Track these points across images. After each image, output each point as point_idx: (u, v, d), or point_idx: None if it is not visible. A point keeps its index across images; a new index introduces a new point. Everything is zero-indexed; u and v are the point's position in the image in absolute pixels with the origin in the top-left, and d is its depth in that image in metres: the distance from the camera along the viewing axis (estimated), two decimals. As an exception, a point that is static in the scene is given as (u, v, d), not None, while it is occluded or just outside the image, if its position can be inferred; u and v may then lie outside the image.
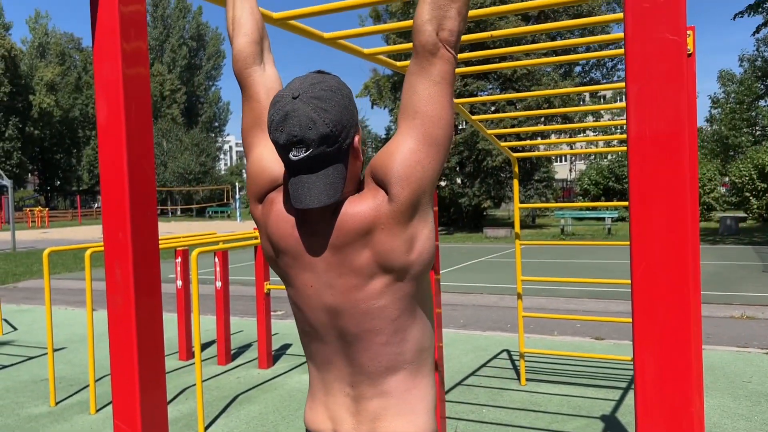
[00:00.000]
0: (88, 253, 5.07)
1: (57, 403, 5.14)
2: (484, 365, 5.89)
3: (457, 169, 25.01)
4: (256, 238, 6.16)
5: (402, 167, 1.19)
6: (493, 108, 23.73)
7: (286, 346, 6.85)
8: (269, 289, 5.98)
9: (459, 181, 25.79)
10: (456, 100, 4.00)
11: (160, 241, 5.41)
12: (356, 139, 1.25)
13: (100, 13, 1.62)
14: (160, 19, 63.75)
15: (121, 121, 1.61)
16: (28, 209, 43.45)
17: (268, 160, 1.37)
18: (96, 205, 59.91)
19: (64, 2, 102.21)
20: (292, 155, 1.18)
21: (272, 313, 8.78)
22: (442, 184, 26.38)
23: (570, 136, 26.33)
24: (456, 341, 6.84)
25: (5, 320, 8.77)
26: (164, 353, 1.72)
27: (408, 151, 1.20)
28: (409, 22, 2.75)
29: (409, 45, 3.10)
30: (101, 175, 1.67)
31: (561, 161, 53.95)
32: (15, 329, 8.26)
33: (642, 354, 1.20)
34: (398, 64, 3.30)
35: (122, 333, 1.64)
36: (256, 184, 1.38)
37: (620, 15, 2.19)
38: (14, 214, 23.27)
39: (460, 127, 24.39)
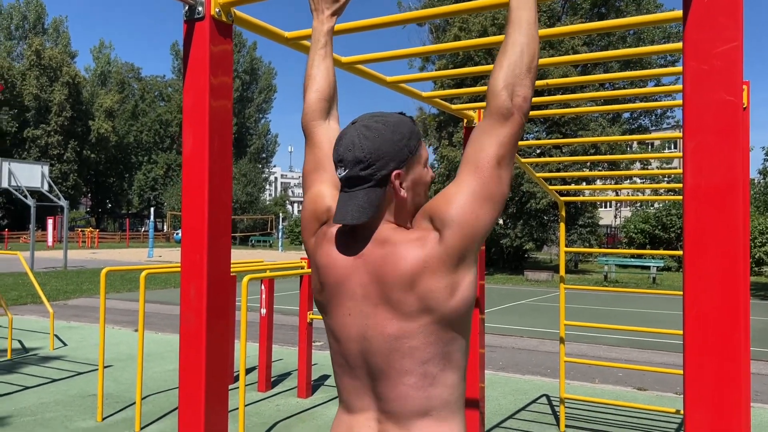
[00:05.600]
0: (143, 275, 5.27)
1: (103, 419, 5.30)
2: (522, 409, 5.83)
3: (500, 209, 24.86)
4: (302, 267, 6.29)
5: (458, 213, 1.25)
6: (538, 151, 23.70)
7: (325, 377, 6.91)
8: (312, 319, 6.08)
9: (501, 221, 25.67)
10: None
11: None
12: (395, 173, 1.30)
13: (192, 50, 1.78)
14: (216, 53, 66.08)
15: (205, 150, 1.76)
16: (79, 230, 44.96)
17: (323, 197, 1.47)
18: (143, 228, 61.53)
19: (127, 34, 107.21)
20: (338, 172, 1.32)
21: (313, 344, 8.88)
22: (484, 224, 26.22)
23: (616, 183, 26.03)
24: (495, 383, 6.79)
25: (56, 336, 9.07)
26: (232, 372, 1.82)
27: (466, 200, 1.26)
28: (464, 70, 2.89)
29: (461, 90, 3.24)
30: (183, 199, 1.81)
31: (606, 207, 53.15)
32: (65, 345, 8.54)
33: (693, 407, 1.24)
34: (453, 107, 3.43)
35: (193, 349, 1.75)
36: (311, 219, 1.47)
37: (674, 69, 2.27)
38: (68, 234, 24.14)
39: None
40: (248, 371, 7.03)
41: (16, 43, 59.07)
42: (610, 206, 54.71)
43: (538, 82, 2.91)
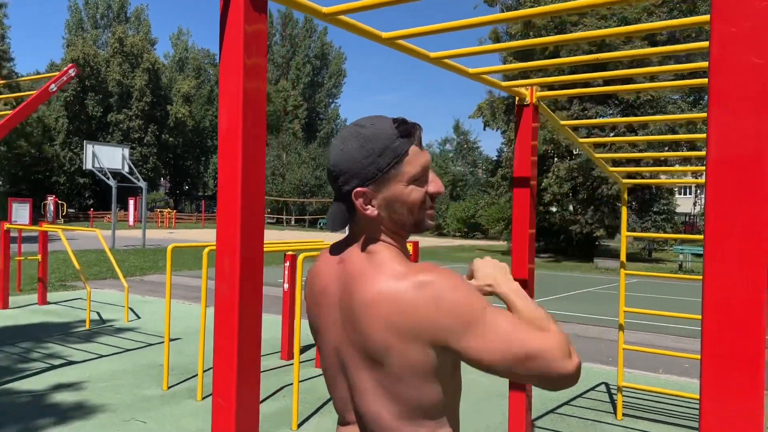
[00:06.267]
0: (206, 251, 5.47)
1: (168, 388, 5.57)
2: (579, 396, 5.72)
3: (570, 195, 24.26)
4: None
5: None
6: (612, 134, 22.89)
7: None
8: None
9: (571, 207, 25.02)
10: (565, 122, 3.98)
11: (272, 245, 5.76)
12: (356, 191, 1.22)
13: (227, 30, 1.83)
14: (288, 38, 67.09)
15: (239, 130, 1.80)
16: (158, 210, 47.05)
17: None
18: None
19: (203, 21, 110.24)
20: None
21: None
22: (553, 209, 25.72)
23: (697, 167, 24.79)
24: (553, 369, 6.67)
25: (131, 309, 9.57)
26: (261, 336, 1.88)
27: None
28: (516, 43, 2.81)
29: (513, 66, 3.15)
30: (219, 176, 1.87)
31: (685, 194, 50.88)
32: (138, 317, 9.00)
33: (709, 393, 1.19)
34: (504, 84, 3.36)
35: (226, 314, 1.82)
36: None
37: None
38: (146, 214, 25.27)
39: (574, 152, 23.72)
40: (306, 348, 7.20)
41: (101, 32, 61.99)
42: (690, 193, 52.38)
43: (606, 54, 2.80)
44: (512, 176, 3.63)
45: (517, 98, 3.53)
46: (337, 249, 1.35)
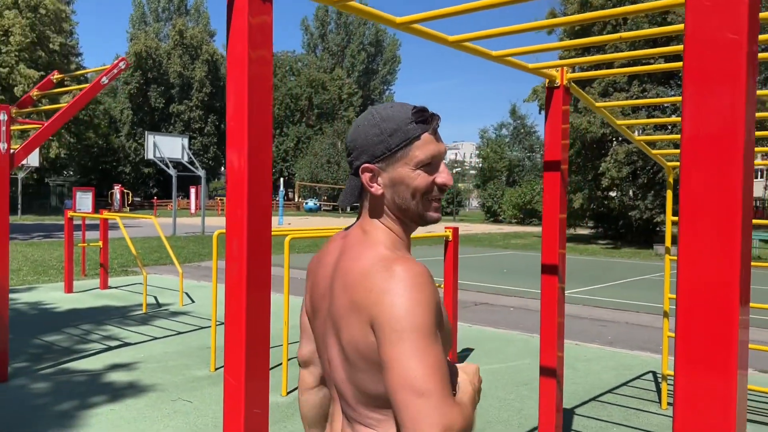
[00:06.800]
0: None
1: (216, 369, 5.77)
2: (624, 384, 5.61)
3: (630, 179, 23.55)
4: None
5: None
6: (674, 115, 22.06)
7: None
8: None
9: (631, 192, 24.29)
10: (600, 104, 3.88)
11: (324, 231, 5.87)
12: (363, 166, 1.27)
13: (233, 22, 1.88)
14: (342, 26, 67.43)
15: (245, 118, 1.86)
16: (218, 198, 48.35)
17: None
18: (276, 198, 64.89)
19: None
20: None
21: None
22: (612, 194, 25.04)
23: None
24: (599, 357, 6.57)
25: (186, 293, 9.92)
26: (269, 313, 1.95)
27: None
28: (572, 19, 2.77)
29: (542, 46, 3.08)
30: (227, 159, 1.94)
31: (757, 177, 48.54)
32: (193, 302, 9.33)
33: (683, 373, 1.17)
34: (530, 66, 3.31)
35: (234, 297, 1.89)
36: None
37: None
38: (206, 202, 26.03)
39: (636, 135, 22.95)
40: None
41: (162, 25, 63.85)
42: (762, 176, 49.99)
43: (670, 27, 2.72)
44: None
45: (546, 80, 3.47)
46: (347, 228, 1.41)
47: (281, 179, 36.86)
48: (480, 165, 51.89)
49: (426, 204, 1.29)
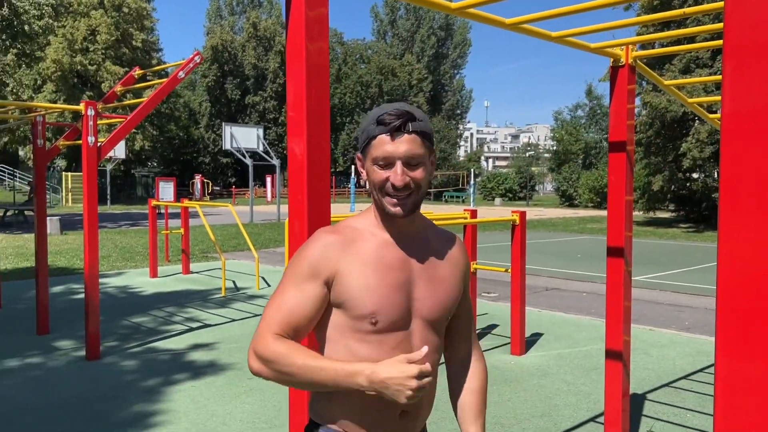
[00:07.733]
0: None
1: (289, 350, 6.00)
2: (700, 370, 5.44)
3: (713, 160, 22.39)
4: (465, 218, 6.38)
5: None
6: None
7: (493, 326, 7.03)
8: (475, 269, 6.19)
9: (715, 174, 23.10)
10: (669, 82, 3.77)
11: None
12: (357, 154, 1.50)
13: (291, 15, 1.98)
14: (412, 11, 67.06)
15: (303, 108, 1.96)
16: (292, 186, 49.45)
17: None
18: (348, 185, 65.91)
19: (334, 2, 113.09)
20: None
21: (485, 294, 9.01)
22: (695, 175, 23.92)
23: None
24: (675, 343, 6.38)
25: (262, 277, 10.30)
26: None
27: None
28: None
29: (603, 25, 3.04)
30: (288, 151, 2.04)
31: None
32: (269, 286, 9.67)
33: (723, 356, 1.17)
34: (592, 45, 3.26)
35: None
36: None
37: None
38: (281, 190, 26.75)
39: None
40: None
41: (237, 18, 65.57)
42: None
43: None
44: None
45: (611, 60, 3.40)
46: None
47: (353, 167, 37.27)
48: (554, 148, 50.61)
49: (383, 197, 1.44)
